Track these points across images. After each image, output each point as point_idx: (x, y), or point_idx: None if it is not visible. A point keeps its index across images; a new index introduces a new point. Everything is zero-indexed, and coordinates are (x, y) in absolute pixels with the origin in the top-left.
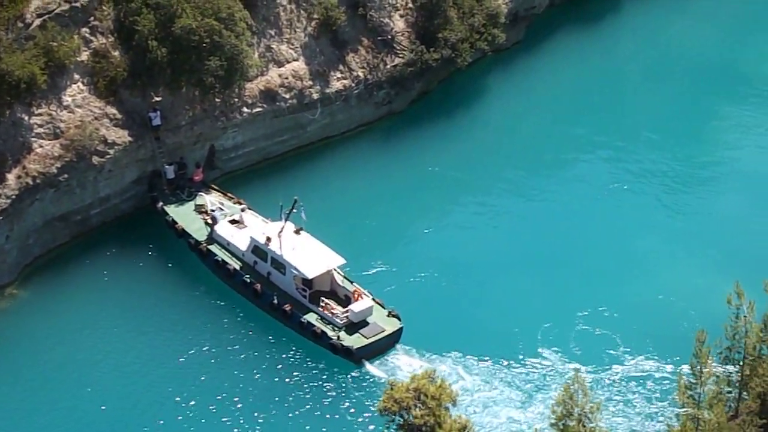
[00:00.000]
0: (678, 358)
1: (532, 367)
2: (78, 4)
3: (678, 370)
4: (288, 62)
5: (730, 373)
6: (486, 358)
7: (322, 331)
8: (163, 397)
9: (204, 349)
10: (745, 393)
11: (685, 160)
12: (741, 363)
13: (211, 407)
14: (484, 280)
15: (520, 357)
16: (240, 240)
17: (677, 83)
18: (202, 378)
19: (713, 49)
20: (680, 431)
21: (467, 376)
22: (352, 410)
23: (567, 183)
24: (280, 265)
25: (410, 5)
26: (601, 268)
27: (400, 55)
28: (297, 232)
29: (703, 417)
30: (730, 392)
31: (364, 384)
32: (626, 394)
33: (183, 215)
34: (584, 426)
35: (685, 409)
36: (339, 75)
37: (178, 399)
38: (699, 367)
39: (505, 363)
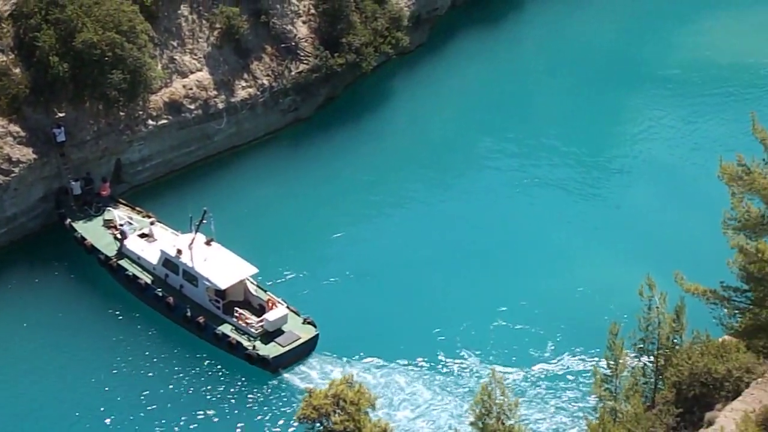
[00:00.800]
0: (597, 350)
1: (451, 367)
2: None
3: (592, 364)
4: (192, 73)
5: (646, 364)
6: (405, 361)
7: (238, 342)
8: (78, 416)
9: (119, 365)
10: (660, 383)
11: (593, 154)
12: (655, 354)
13: (127, 423)
14: (400, 282)
15: (440, 357)
16: (150, 253)
17: (582, 78)
18: (118, 398)
19: (616, 44)
20: (598, 424)
21: (386, 380)
22: (271, 420)
23: (478, 181)
24: (192, 277)
25: (313, 11)
26: (518, 264)
27: (305, 62)
28: (208, 243)
29: (621, 409)
30: (645, 383)
31: (282, 393)
32: (546, 389)
33: (92, 231)
34: (503, 423)
35: (602, 402)
36: (244, 83)
37: (93, 416)
38: (614, 360)
39: (425, 364)
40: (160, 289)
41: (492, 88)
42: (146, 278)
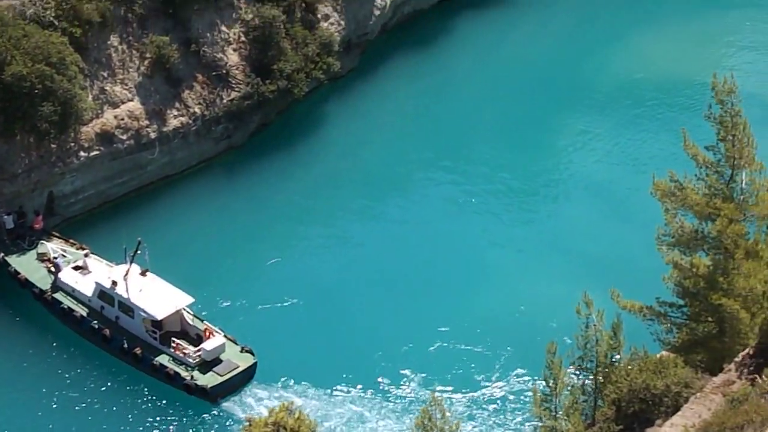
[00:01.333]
0: (539, 369)
1: (393, 391)
2: None
3: (533, 383)
4: (123, 103)
5: (585, 382)
6: (345, 386)
7: (175, 372)
8: None
9: (56, 399)
10: (600, 401)
11: (529, 174)
12: (594, 371)
13: None
14: (338, 307)
15: (380, 381)
16: (85, 286)
17: (515, 99)
18: None
19: (549, 64)
20: None
21: (327, 406)
22: None
23: (413, 205)
24: (127, 308)
25: (243, 39)
26: (458, 285)
27: (236, 89)
28: (143, 273)
29: (560, 427)
30: (585, 401)
31: (222, 422)
32: (488, 409)
33: (25, 265)
34: None
35: (542, 422)
36: (176, 112)
37: None
38: (553, 379)
39: (366, 389)
40: (95, 322)
41: (425, 111)
42: (82, 311)
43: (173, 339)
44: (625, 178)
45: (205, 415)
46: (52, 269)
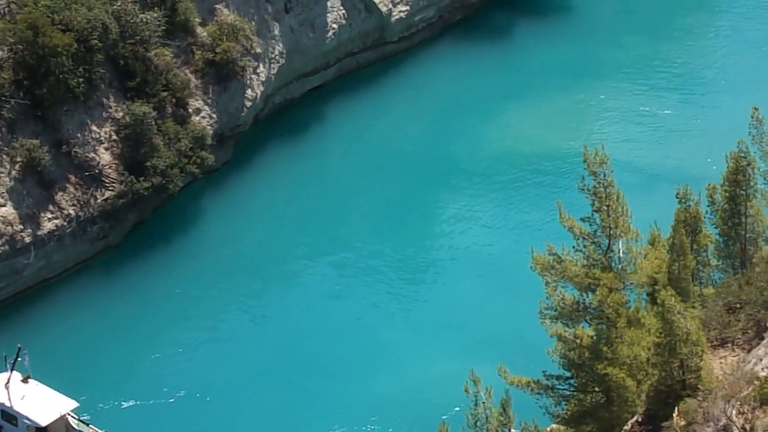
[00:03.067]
0: None
1: None
2: None
3: None
4: None
5: None
6: None
7: None
8: None
9: None
10: None
11: (412, 251)
12: None
13: None
14: (227, 401)
15: None
16: None
17: (392, 179)
18: None
19: (424, 143)
20: None
21: None
22: None
23: (298, 291)
24: (11, 416)
25: (115, 137)
26: (350, 368)
27: (110, 188)
28: (25, 380)
29: None
30: None
31: None
32: None
33: None
34: None
35: None
36: (50, 215)
37: None
38: None
39: None
40: None
41: (300, 200)
42: None
43: None
44: (508, 251)
45: None
46: None
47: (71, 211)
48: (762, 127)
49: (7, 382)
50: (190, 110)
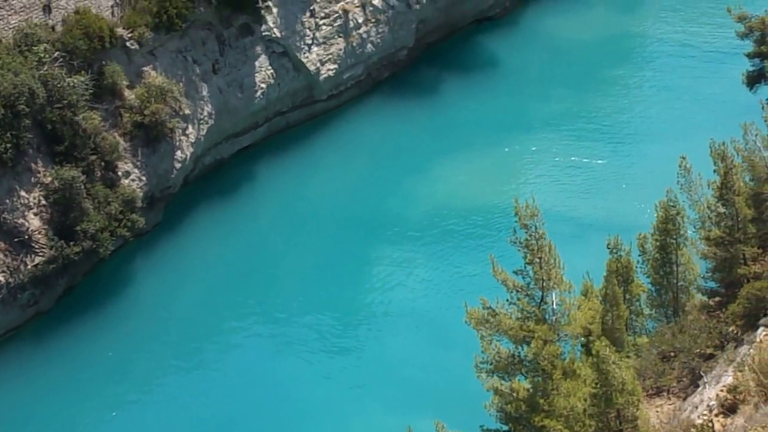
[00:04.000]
0: None
1: None
2: None
3: None
4: None
5: None
6: None
7: None
8: None
9: None
10: None
11: (346, 307)
12: None
13: None
14: None
15: None
16: None
17: (325, 237)
18: None
19: (354, 199)
20: None
21: None
22: None
23: (231, 350)
24: None
25: (44, 202)
26: (287, 426)
27: (40, 254)
28: None
29: None
30: None
31: None
32: None
33: None
34: None
35: None
36: None
37: None
38: None
39: None
40: None
41: (232, 260)
42: None
43: None
44: (443, 305)
45: None
46: None
47: (0, 278)
48: (690, 176)
49: None
50: (120, 173)
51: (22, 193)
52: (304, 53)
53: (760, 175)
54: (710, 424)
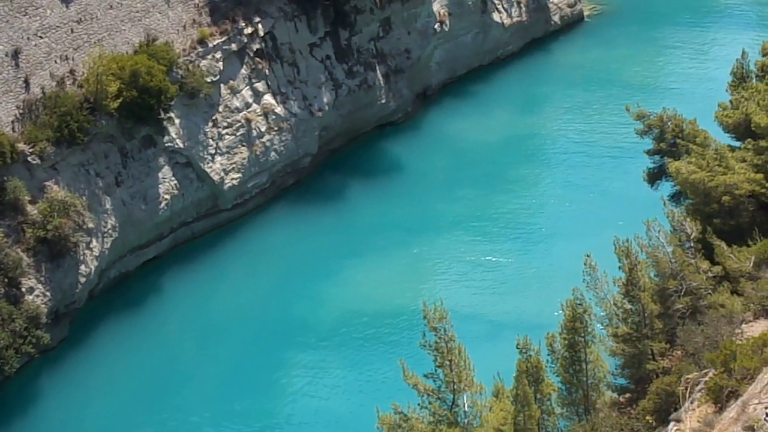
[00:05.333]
0: None
1: None
2: None
3: None
4: None
5: None
6: None
7: None
8: None
9: None
10: None
11: (257, 415)
12: None
13: None
14: None
15: None
16: None
17: (233, 344)
18: None
19: (263, 306)
20: None
21: None
22: None
23: None
24: None
25: None
26: None
27: None
28: None
29: None
30: None
31: None
32: None
33: None
34: None
35: None
36: None
37: None
38: None
39: None
40: None
41: (141, 374)
42: None
43: None
44: (355, 411)
45: None
46: None
47: None
48: (596, 274)
49: None
50: (24, 289)
51: None
52: (208, 163)
53: (665, 271)
54: None
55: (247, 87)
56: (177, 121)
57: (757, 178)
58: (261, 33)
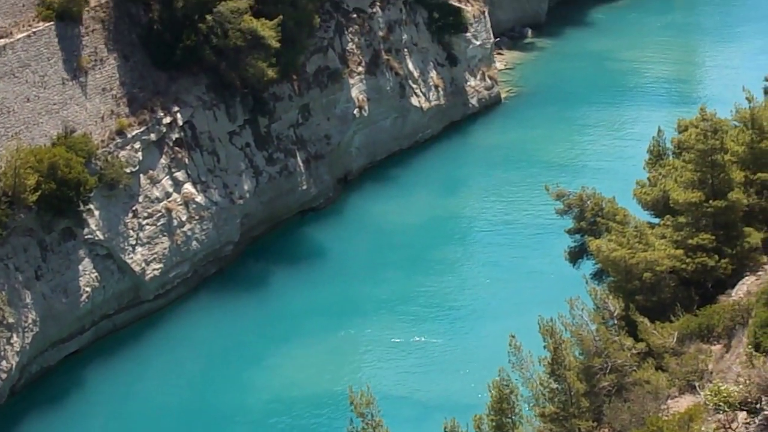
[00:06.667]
0: None
1: None
2: None
3: None
4: None
5: None
6: None
7: None
8: None
9: None
10: None
11: None
12: None
13: None
14: None
15: None
16: None
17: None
18: None
19: (188, 395)
20: None
21: None
22: None
23: None
24: None
25: None
26: None
27: None
28: None
29: None
30: None
31: None
32: None
33: None
34: None
35: None
36: None
37: None
38: None
39: None
40: None
41: None
42: None
43: None
44: None
45: None
46: None
47: None
48: (521, 354)
49: None
50: None
51: None
52: (129, 254)
53: (589, 349)
54: None
55: (167, 176)
56: (97, 212)
57: (678, 254)
58: (180, 122)
